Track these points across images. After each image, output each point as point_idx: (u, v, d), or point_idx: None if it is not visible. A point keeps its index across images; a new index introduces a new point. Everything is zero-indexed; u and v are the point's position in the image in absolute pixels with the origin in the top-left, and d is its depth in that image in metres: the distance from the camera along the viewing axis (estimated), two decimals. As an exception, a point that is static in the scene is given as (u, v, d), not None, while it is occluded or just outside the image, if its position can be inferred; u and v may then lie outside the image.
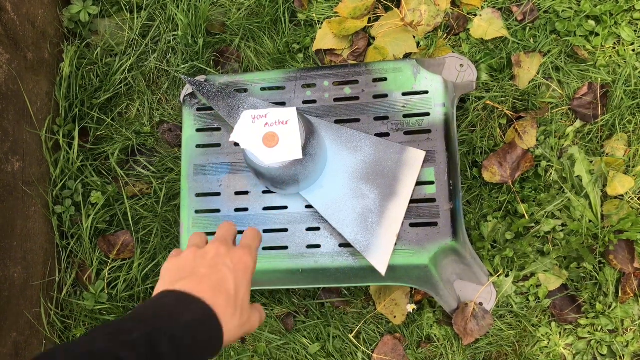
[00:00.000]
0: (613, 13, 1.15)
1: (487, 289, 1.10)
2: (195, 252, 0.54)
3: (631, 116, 1.12)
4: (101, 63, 1.31)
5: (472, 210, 1.13)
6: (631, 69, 1.12)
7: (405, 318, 1.12)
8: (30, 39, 1.21)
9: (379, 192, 0.94)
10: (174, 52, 1.31)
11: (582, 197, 1.09)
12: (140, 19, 1.31)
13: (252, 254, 0.57)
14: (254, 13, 1.28)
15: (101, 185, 1.25)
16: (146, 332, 0.43)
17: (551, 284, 1.10)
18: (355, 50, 1.23)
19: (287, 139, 0.87)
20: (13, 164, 1.14)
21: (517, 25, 1.18)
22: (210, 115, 1.05)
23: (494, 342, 1.10)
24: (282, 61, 1.25)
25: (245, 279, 0.54)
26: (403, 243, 0.92)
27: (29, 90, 1.19)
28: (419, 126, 0.96)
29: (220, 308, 0.48)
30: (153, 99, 1.30)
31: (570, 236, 1.09)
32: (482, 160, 1.13)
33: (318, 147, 0.92)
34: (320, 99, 1.01)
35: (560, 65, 1.15)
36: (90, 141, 1.29)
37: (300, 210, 0.97)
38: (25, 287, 1.15)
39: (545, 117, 1.14)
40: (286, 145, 0.87)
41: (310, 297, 1.18)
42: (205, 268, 0.52)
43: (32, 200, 1.19)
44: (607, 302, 1.08)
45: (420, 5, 1.21)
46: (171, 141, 1.28)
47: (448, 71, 1.16)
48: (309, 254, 0.95)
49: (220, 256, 0.54)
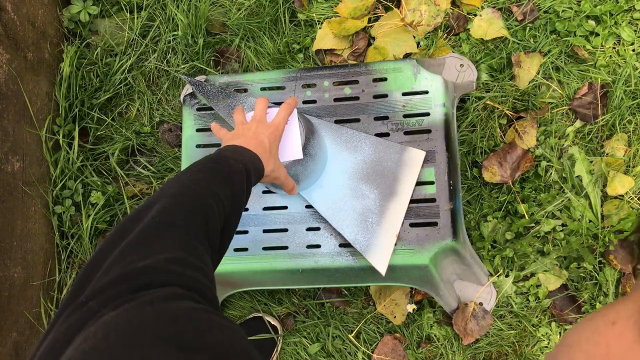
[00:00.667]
0: (613, 13, 1.15)
1: (487, 289, 1.10)
2: (243, 125, 0.84)
3: (631, 116, 1.12)
4: (101, 63, 1.30)
5: (472, 210, 1.13)
6: (631, 69, 1.12)
7: (405, 318, 1.12)
8: (30, 39, 1.21)
9: (379, 192, 0.94)
10: (174, 52, 1.31)
11: (582, 197, 1.09)
12: (140, 19, 1.31)
13: (279, 128, 0.83)
14: (254, 13, 1.28)
15: (101, 185, 1.25)
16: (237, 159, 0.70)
17: (551, 284, 1.10)
18: (355, 50, 1.23)
19: (287, 139, 0.87)
20: (13, 164, 1.14)
21: (517, 25, 1.18)
22: (210, 115, 1.04)
23: (494, 342, 1.10)
24: (282, 61, 1.25)
25: (275, 142, 0.82)
26: (403, 243, 0.92)
27: (29, 90, 1.19)
28: (419, 126, 0.96)
29: (260, 155, 0.76)
30: (153, 99, 1.30)
31: (570, 236, 1.09)
32: (482, 160, 1.13)
33: (318, 147, 0.92)
34: (320, 99, 1.01)
35: (560, 65, 1.15)
36: (90, 141, 1.29)
37: (300, 210, 0.97)
38: (25, 287, 1.15)
39: (545, 117, 1.14)
40: (286, 146, 0.87)
41: (310, 297, 1.18)
42: (251, 134, 0.80)
43: (32, 200, 1.19)
44: (607, 302, 1.07)
45: (420, 5, 1.21)
46: (171, 141, 1.28)
47: (448, 71, 1.16)
48: (309, 254, 0.95)
49: (259, 128, 0.82)
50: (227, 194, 0.62)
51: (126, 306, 0.39)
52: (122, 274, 0.43)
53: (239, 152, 0.73)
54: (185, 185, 0.59)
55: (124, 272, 0.43)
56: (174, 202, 0.54)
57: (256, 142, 0.78)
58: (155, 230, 0.49)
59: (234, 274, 0.98)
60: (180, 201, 0.55)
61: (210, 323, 0.40)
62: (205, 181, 0.61)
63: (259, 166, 0.74)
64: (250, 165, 0.71)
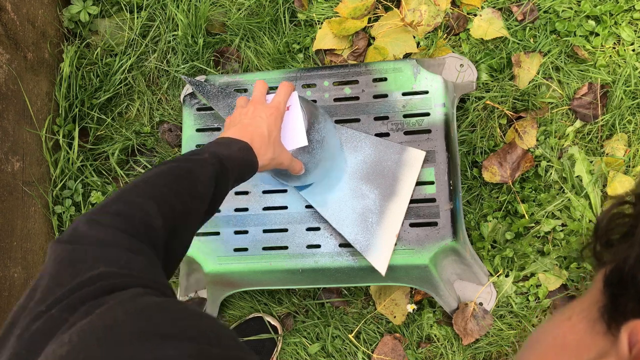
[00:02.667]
0: (613, 13, 1.15)
1: (487, 289, 1.10)
2: (241, 110, 0.79)
3: (631, 116, 1.12)
4: (101, 63, 1.30)
5: (472, 210, 1.13)
6: (631, 69, 1.12)
7: (405, 318, 1.12)
8: (30, 39, 1.21)
9: (379, 192, 0.94)
10: (174, 52, 1.31)
11: (582, 197, 1.09)
12: (140, 19, 1.31)
13: (279, 108, 0.79)
14: (254, 13, 1.28)
15: (101, 185, 1.25)
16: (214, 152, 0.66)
17: (551, 284, 1.10)
18: (355, 50, 1.23)
19: (288, 125, 0.82)
20: (13, 164, 1.14)
21: (517, 25, 1.18)
22: (210, 115, 1.05)
23: (494, 342, 1.10)
24: (282, 61, 1.25)
25: (276, 125, 0.77)
26: (403, 243, 0.92)
27: (29, 90, 1.19)
28: (419, 126, 0.96)
29: (256, 144, 0.73)
30: (153, 99, 1.30)
31: (570, 236, 1.09)
32: (482, 160, 1.13)
33: (325, 131, 0.87)
34: (320, 99, 1.01)
35: (560, 65, 1.15)
36: (90, 141, 1.29)
37: (300, 210, 0.97)
38: (25, 287, 1.15)
39: (545, 117, 1.14)
40: (288, 133, 0.82)
41: (310, 297, 1.18)
42: (248, 119, 0.76)
43: (32, 200, 1.19)
44: (607, 302, 1.07)
45: (420, 5, 1.21)
46: (171, 141, 1.28)
47: (448, 71, 1.16)
48: (309, 254, 0.95)
49: (257, 110, 0.77)
50: (181, 196, 0.58)
51: (97, 311, 0.38)
52: (80, 282, 0.41)
53: (226, 144, 0.70)
54: (134, 188, 0.56)
55: (81, 280, 0.42)
56: (115, 209, 0.52)
57: (252, 130, 0.74)
58: (96, 241, 0.48)
59: (234, 274, 0.98)
60: (119, 209, 0.52)
61: (186, 312, 0.40)
62: (159, 182, 0.58)
63: (248, 159, 0.71)
64: (232, 159, 0.67)
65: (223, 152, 0.67)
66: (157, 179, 0.58)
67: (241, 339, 1.17)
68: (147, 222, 0.52)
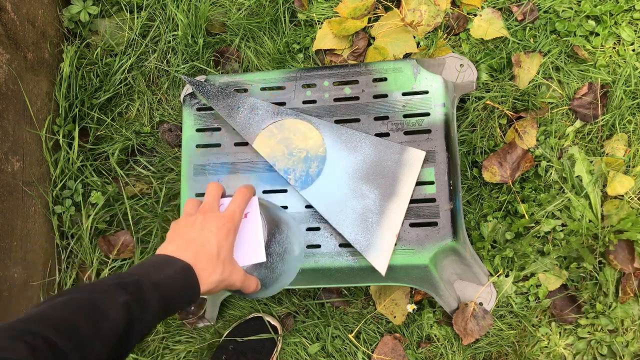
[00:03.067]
0: (613, 13, 1.15)
1: (487, 289, 1.10)
2: (187, 219, 0.68)
3: (631, 116, 1.12)
4: (101, 63, 1.31)
5: (472, 210, 1.13)
6: (631, 69, 1.12)
7: (405, 318, 1.12)
8: (30, 39, 1.21)
9: (379, 192, 0.94)
10: (174, 52, 1.31)
11: (582, 197, 1.09)
12: (140, 19, 1.31)
13: (234, 218, 0.68)
14: (254, 13, 1.28)
15: (101, 185, 1.25)
16: (136, 279, 0.56)
17: (551, 284, 1.10)
18: (355, 50, 1.23)
19: (244, 237, 0.71)
20: (13, 164, 1.14)
21: (517, 25, 1.18)
22: (210, 115, 1.05)
23: (494, 342, 1.10)
24: (282, 61, 1.25)
25: (228, 241, 0.66)
26: (403, 243, 0.92)
27: (29, 90, 1.19)
28: (419, 126, 0.96)
29: (200, 265, 0.62)
30: (153, 99, 1.30)
31: (570, 236, 1.09)
32: (482, 160, 1.13)
33: (288, 242, 0.76)
34: (320, 99, 1.01)
35: (560, 65, 1.15)
36: (90, 141, 1.29)
37: (300, 210, 0.97)
38: (25, 287, 1.15)
39: (545, 117, 1.14)
40: (243, 246, 0.71)
41: (310, 297, 1.18)
42: (195, 232, 0.65)
43: (32, 200, 1.19)
44: (607, 302, 1.08)
45: (420, 5, 1.21)
46: (171, 141, 1.28)
47: (448, 71, 1.16)
48: (309, 254, 0.95)
49: (206, 221, 0.66)
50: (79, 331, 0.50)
51: None
52: None
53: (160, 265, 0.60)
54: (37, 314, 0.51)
55: None
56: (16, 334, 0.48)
57: (197, 247, 0.63)
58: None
59: (234, 274, 0.98)
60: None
61: None
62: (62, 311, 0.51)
63: (188, 283, 0.60)
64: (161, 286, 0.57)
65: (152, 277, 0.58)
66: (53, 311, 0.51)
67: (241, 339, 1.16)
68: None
